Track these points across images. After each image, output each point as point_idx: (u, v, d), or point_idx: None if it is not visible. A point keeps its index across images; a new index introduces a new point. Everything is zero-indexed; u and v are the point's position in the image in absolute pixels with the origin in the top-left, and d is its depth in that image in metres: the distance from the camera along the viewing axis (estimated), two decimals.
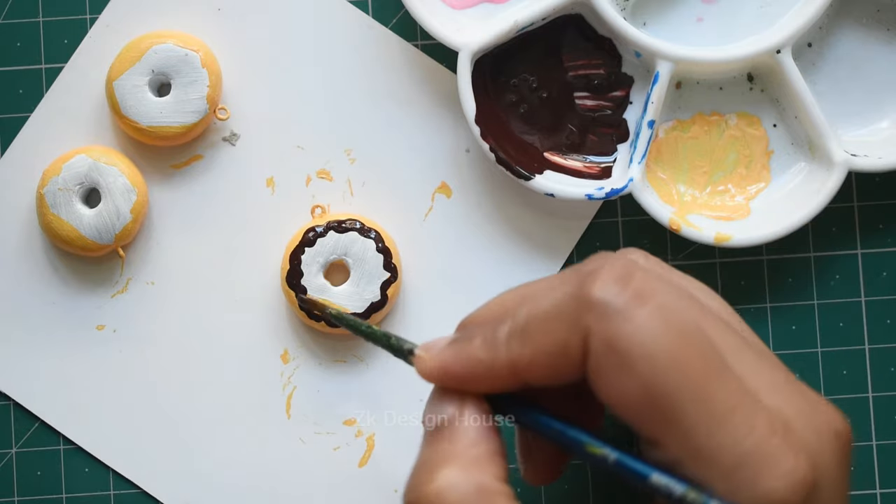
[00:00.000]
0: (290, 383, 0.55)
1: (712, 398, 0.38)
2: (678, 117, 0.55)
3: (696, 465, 0.38)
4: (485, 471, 0.40)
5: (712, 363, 0.39)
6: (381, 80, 0.55)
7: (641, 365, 0.38)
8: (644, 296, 0.39)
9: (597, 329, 0.39)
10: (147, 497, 0.55)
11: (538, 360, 0.40)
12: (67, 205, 0.53)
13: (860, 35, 0.55)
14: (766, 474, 0.38)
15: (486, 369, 0.41)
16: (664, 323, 0.39)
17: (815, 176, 0.54)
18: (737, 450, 0.38)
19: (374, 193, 0.55)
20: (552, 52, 0.54)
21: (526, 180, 0.53)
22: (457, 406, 0.42)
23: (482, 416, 0.42)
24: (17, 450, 0.55)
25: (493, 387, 0.42)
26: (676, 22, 0.55)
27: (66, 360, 0.55)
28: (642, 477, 0.39)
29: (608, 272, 0.40)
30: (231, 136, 0.56)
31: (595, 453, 0.40)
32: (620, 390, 0.39)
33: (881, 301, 0.55)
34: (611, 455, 0.40)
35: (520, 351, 0.41)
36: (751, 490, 0.38)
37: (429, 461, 0.41)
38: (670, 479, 0.39)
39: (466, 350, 0.42)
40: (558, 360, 0.40)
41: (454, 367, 0.42)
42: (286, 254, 0.54)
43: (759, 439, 0.38)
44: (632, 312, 0.39)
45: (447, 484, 0.40)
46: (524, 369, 0.41)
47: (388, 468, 0.55)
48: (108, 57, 0.55)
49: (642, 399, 0.39)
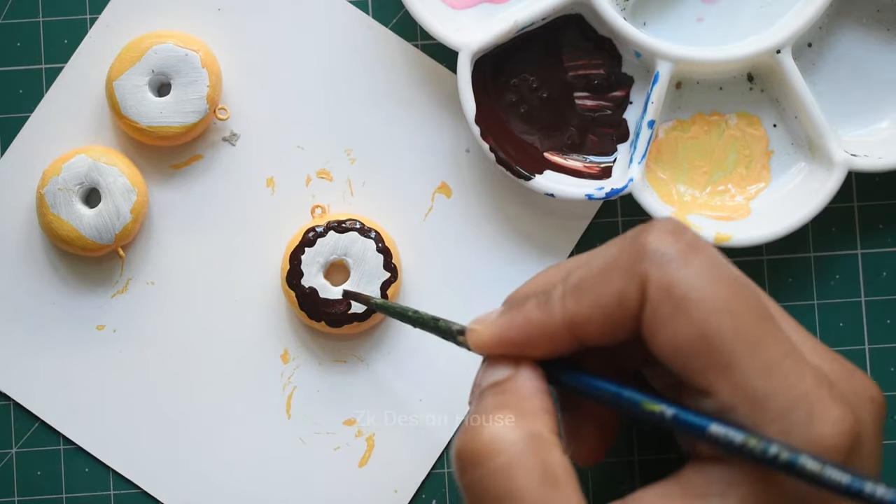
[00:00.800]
0: (290, 383, 0.55)
1: (765, 345, 0.39)
2: (678, 117, 0.55)
3: (749, 409, 0.39)
4: (538, 421, 0.41)
5: (763, 314, 0.40)
6: (381, 80, 0.55)
7: (698, 309, 0.40)
8: (697, 247, 0.41)
9: (654, 276, 0.40)
10: (147, 497, 0.55)
11: (594, 315, 0.41)
12: (67, 205, 0.53)
13: (860, 35, 0.55)
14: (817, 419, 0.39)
15: (543, 331, 0.42)
16: (718, 272, 0.40)
17: (815, 176, 0.54)
18: (790, 394, 0.39)
19: (374, 193, 0.55)
20: (552, 52, 0.54)
21: (526, 180, 0.53)
22: (512, 367, 0.43)
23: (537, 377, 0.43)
24: (17, 450, 0.55)
25: (549, 349, 0.42)
26: (676, 22, 0.55)
27: (66, 360, 0.55)
28: (700, 429, 0.40)
29: (661, 225, 0.41)
30: (231, 136, 0.56)
31: (653, 410, 0.41)
32: (676, 336, 0.40)
33: (881, 301, 0.55)
34: (668, 411, 0.41)
35: (576, 307, 0.41)
36: (803, 434, 0.39)
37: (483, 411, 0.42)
38: (729, 428, 0.39)
39: (521, 315, 0.43)
40: (614, 311, 0.41)
41: (510, 332, 0.43)
42: (286, 254, 0.54)
43: (810, 388, 0.39)
44: (688, 260, 0.40)
45: (502, 427, 0.40)
46: (581, 326, 0.42)
47: (388, 468, 0.55)
48: (108, 57, 0.55)
49: (698, 343, 0.40)
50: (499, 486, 0.40)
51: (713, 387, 0.40)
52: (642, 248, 0.41)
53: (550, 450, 0.40)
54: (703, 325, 0.39)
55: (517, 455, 0.40)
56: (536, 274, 0.45)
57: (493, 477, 0.40)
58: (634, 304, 0.41)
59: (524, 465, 0.40)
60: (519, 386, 0.42)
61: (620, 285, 0.41)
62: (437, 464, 0.55)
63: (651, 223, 0.42)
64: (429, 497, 0.55)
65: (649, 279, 0.40)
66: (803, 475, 0.38)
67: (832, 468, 0.38)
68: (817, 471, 0.38)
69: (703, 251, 0.41)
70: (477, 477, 0.40)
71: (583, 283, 0.42)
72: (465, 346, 0.44)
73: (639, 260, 0.41)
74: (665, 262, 0.40)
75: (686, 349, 0.40)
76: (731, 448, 0.39)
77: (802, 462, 0.38)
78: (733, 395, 0.39)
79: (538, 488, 0.40)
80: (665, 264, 0.40)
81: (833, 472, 0.38)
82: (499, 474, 0.40)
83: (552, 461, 0.40)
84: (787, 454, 0.38)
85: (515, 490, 0.40)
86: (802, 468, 0.38)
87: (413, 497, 0.55)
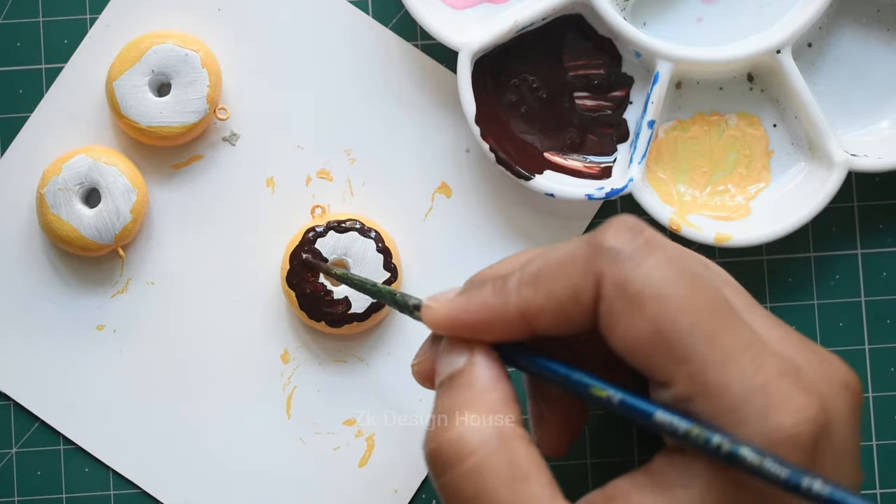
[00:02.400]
0: (290, 383, 0.55)
1: (722, 338, 0.39)
2: (678, 117, 0.55)
3: (705, 401, 0.39)
4: (501, 415, 0.42)
5: (722, 308, 0.40)
6: (381, 80, 0.55)
7: (652, 306, 0.40)
8: (654, 244, 0.41)
9: (609, 273, 0.40)
10: (147, 497, 0.55)
11: (549, 306, 0.42)
12: (67, 205, 0.53)
13: (860, 35, 0.55)
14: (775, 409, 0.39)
15: (497, 316, 0.43)
16: (675, 268, 0.40)
17: (815, 176, 0.54)
18: (745, 385, 0.39)
19: (374, 193, 0.55)
20: (552, 52, 0.54)
21: (526, 180, 0.53)
22: (467, 355, 0.43)
23: (493, 364, 0.43)
24: (17, 450, 0.55)
25: (502, 334, 0.43)
26: (676, 22, 0.55)
27: (66, 360, 0.55)
28: (646, 415, 0.40)
29: (619, 223, 0.41)
30: (231, 136, 0.56)
31: (599, 395, 0.41)
32: (631, 332, 0.40)
33: (881, 301, 0.55)
34: (615, 396, 0.41)
35: (531, 297, 0.42)
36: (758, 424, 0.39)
37: (446, 409, 0.42)
38: (674, 416, 0.40)
39: (476, 298, 0.43)
40: (569, 305, 0.41)
41: (464, 314, 0.43)
42: (286, 254, 0.54)
43: (769, 378, 0.39)
44: (643, 257, 0.40)
45: (467, 429, 0.41)
46: (534, 315, 0.42)
47: (388, 468, 0.55)
48: (108, 57, 0.55)
49: (652, 339, 0.40)
50: (469, 489, 0.40)
51: (670, 379, 0.40)
52: (599, 244, 0.41)
53: (517, 444, 0.41)
54: (658, 320, 0.40)
55: (485, 456, 0.41)
56: (501, 259, 0.46)
57: (463, 480, 0.41)
58: (589, 299, 0.41)
59: (492, 465, 0.40)
60: (477, 377, 0.43)
61: (576, 280, 0.41)
62: None
63: (610, 221, 0.42)
64: (429, 497, 0.55)
65: (604, 276, 0.41)
66: (745, 467, 0.38)
67: (771, 461, 0.38)
68: (756, 463, 0.38)
69: (659, 248, 0.41)
70: (448, 480, 0.41)
71: (540, 274, 0.42)
72: (421, 320, 0.45)
73: (595, 256, 0.41)
74: (620, 259, 0.40)
75: (642, 344, 0.40)
76: (676, 437, 0.40)
77: (743, 453, 0.38)
78: (690, 387, 0.40)
79: (508, 486, 0.40)
80: (620, 261, 0.40)
81: (772, 465, 0.38)
82: (468, 477, 0.41)
83: (519, 455, 0.41)
84: (729, 445, 0.38)
85: (487, 491, 0.40)
86: (743, 460, 0.38)
87: (413, 497, 0.55)
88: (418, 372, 0.46)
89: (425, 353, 0.46)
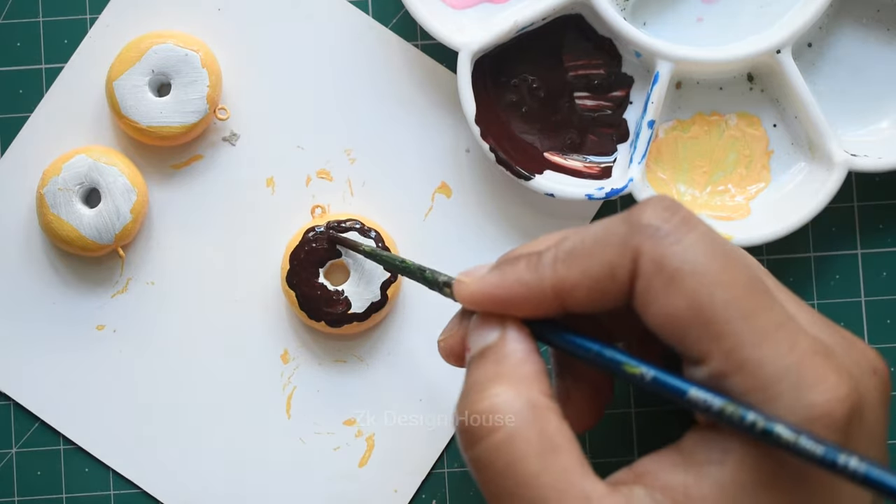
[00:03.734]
0: (290, 383, 0.55)
1: (757, 315, 0.40)
2: (678, 117, 0.55)
3: (739, 378, 0.40)
4: (533, 387, 0.42)
5: (757, 286, 0.41)
6: (381, 80, 0.55)
7: (690, 282, 0.40)
8: (691, 223, 0.41)
9: (647, 249, 0.41)
10: (147, 497, 0.55)
11: (584, 283, 0.42)
12: (67, 205, 0.53)
13: (860, 35, 0.55)
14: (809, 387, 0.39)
15: (530, 292, 0.43)
16: (711, 246, 0.41)
17: (815, 176, 0.54)
18: (780, 362, 0.39)
19: (374, 193, 0.55)
20: (552, 52, 0.54)
21: (526, 180, 0.53)
22: (500, 330, 0.43)
23: (525, 338, 0.43)
24: (17, 450, 0.55)
25: (535, 310, 0.43)
26: (676, 22, 0.55)
27: (66, 360, 0.55)
28: (681, 393, 0.40)
29: (656, 202, 0.42)
30: (231, 136, 0.56)
31: (632, 372, 0.42)
32: (668, 308, 0.40)
33: (881, 301, 0.55)
34: (648, 373, 0.41)
35: (566, 273, 0.42)
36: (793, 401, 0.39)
37: (478, 382, 0.42)
38: (708, 393, 0.40)
39: (510, 273, 0.43)
40: (604, 282, 0.42)
41: (497, 290, 0.43)
42: (286, 254, 0.54)
43: (803, 356, 0.39)
44: (681, 235, 0.41)
45: (500, 401, 0.41)
46: (568, 292, 0.42)
47: (388, 468, 0.55)
48: (108, 57, 0.55)
49: (689, 315, 0.40)
50: (500, 460, 0.41)
51: (706, 356, 0.40)
52: (637, 222, 0.41)
53: (548, 416, 0.41)
54: (695, 296, 0.40)
55: (516, 428, 0.41)
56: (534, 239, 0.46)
57: (495, 451, 0.41)
58: (625, 276, 0.41)
59: (523, 437, 0.41)
60: (510, 351, 0.43)
61: (613, 257, 0.41)
62: (437, 464, 0.55)
63: (647, 200, 0.42)
64: (429, 497, 0.55)
65: (642, 253, 0.41)
66: (780, 444, 0.38)
67: (807, 438, 0.38)
68: (792, 440, 0.38)
69: (696, 227, 0.41)
70: (479, 452, 0.41)
71: (575, 251, 0.42)
72: (451, 297, 0.45)
73: (633, 234, 0.41)
74: (659, 236, 0.41)
75: (678, 321, 0.40)
76: (710, 414, 0.40)
77: (778, 431, 0.38)
78: (725, 364, 0.40)
79: (538, 458, 0.40)
80: (659, 239, 0.41)
81: (807, 441, 0.38)
82: (500, 448, 0.41)
83: (550, 428, 0.41)
84: (763, 422, 0.38)
85: (517, 461, 0.40)
86: (778, 437, 0.38)
87: (413, 497, 0.55)
88: (445, 348, 0.46)
89: (453, 329, 0.46)
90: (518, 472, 0.40)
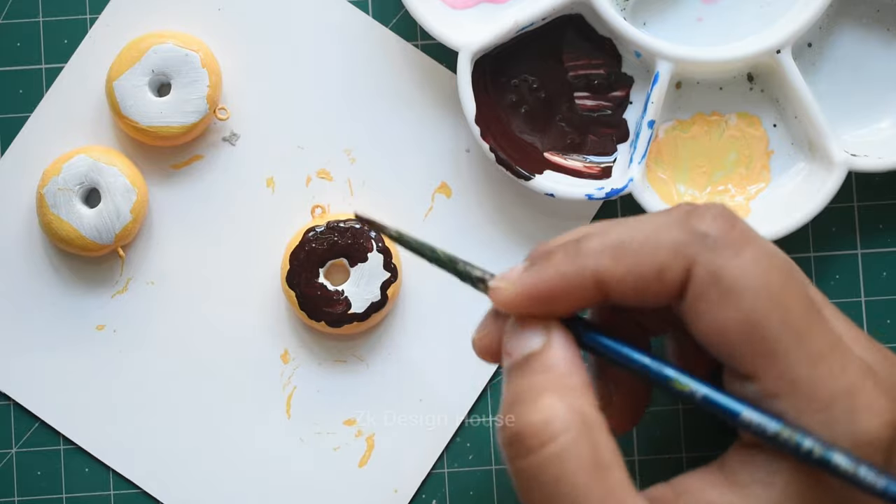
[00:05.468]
0: (290, 383, 0.55)
1: (811, 336, 0.40)
2: (678, 117, 0.55)
3: (793, 398, 0.39)
4: (584, 400, 0.41)
5: (811, 306, 0.40)
6: (381, 80, 0.55)
7: (747, 298, 0.40)
8: (749, 237, 0.41)
9: (703, 260, 0.40)
10: (147, 497, 0.55)
11: (629, 279, 0.41)
12: (67, 205, 0.53)
13: (860, 35, 0.55)
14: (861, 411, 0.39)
15: (570, 284, 0.41)
16: (769, 262, 0.40)
17: (815, 176, 0.54)
18: (834, 385, 0.39)
19: (374, 193, 0.55)
20: (552, 52, 0.54)
21: (526, 180, 0.53)
22: (544, 336, 0.42)
23: (571, 346, 0.42)
24: (17, 450, 0.55)
25: (576, 303, 0.42)
26: (676, 22, 0.55)
27: (66, 360, 0.55)
28: (733, 414, 0.40)
29: (714, 210, 0.41)
30: (231, 136, 0.56)
31: (681, 389, 0.41)
32: (721, 321, 0.40)
33: (881, 301, 0.55)
34: (699, 391, 0.41)
35: (611, 266, 0.41)
36: (846, 425, 0.39)
37: (526, 392, 0.41)
38: (763, 415, 0.39)
39: (548, 268, 0.42)
40: (651, 282, 0.41)
41: (538, 288, 0.42)
42: (286, 254, 0.54)
43: (855, 379, 0.39)
44: (740, 249, 0.40)
45: (552, 413, 0.40)
46: (612, 285, 0.41)
47: (388, 468, 0.55)
48: (108, 57, 0.55)
49: (743, 330, 0.40)
50: (550, 473, 0.40)
51: (757, 373, 0.40)
52: (694, 230, 0.41)
53: (599, 432, 0.40)
54: (751, 313, 0.40)
55: (569, 441, 0.40)
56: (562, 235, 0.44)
57: (545, 464, 0.40)
58: (676, 282, 0.41)
59: (576, 451, 0.40)
60: (556, 360, 0.41)
61: (664, 260, 0.41)
62: (437, 464, 0.55)
63: (704, 206, 0.42)
64: (429, 497, 0.55)
65: (697, 262, 0.40)
66: (837, 473, 0.38)
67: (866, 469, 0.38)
68: (850, 470, 0.38)
69: (754, 241, 0.41)
70: (528, 464, 0.40)
71: (624, 245, 0.41)
72: (486, 293, 0.43)
73: (689, 241, 0.41)
74: (717, 248, 0.40)
75: (731, 335, 0.40)
76: (764, 437, 0.39)
77: (836, 460, 0.38)
78: (777, 383, 0.39)
79: (589, 473, 0.39)
80: (716, 250, 0.40)
81: (867, 472, 0.38)
82: (552, 462, 0.40)
83: (602, 443, 0.40)
84: (821, 449, 0.38)
85: (567, 476, 0.39)
86: (836, 466, 0.38)
87: (413, 497, 0.55)
88: (482, 347, 0.44)
89: (488, 327, 0.44)
90: (567, 488, 0.39)
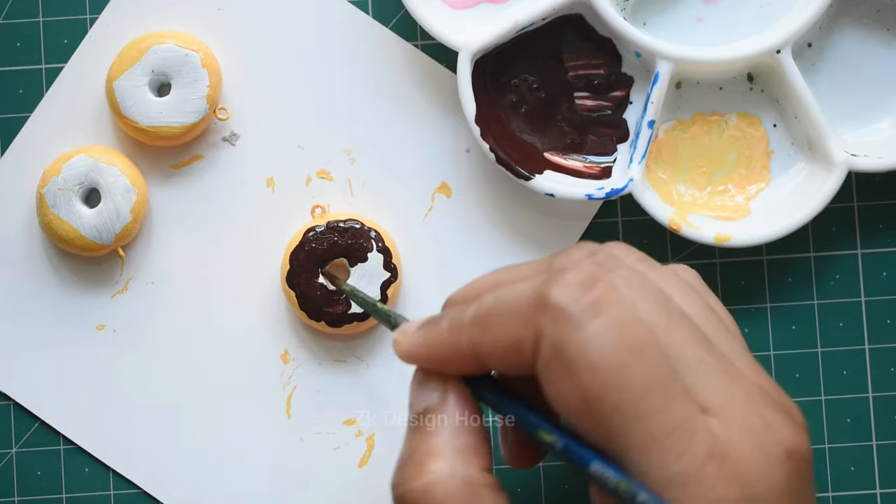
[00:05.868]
0: (290, 383, 0.55)
1: (651, 418, 0.38)
2: (678, 117, 0.55)
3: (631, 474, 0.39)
4: (470, 463, 0.41)
5: (659, 382, 0.38)
6: (381, 80, 0.55)
7: (584, 375, 0.38)
8: (601, 306, 0.39)
9: (548, 332, 0.39)
10: (147, 497, 0.55)
11: (494, 350, 0.41)
12: (67, 205, 0.54)
13: (860, 35, 0.55)
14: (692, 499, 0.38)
15: (451, 353, 0.42)
16: (616, 337, 0.38)
17: (815, 176, 0.54)
18: (665, 472, 0.38)
19: (374, 193, 0.55)
20: (552, 52, 0.54)
21: (526, 180, 0.53)
22: (439, 393, 0.43)
23: (465, 402, 0.43)
24: (17, 450, 0.55)
25: (459, 369, 0.43)
26: (676, 22, 0.55)
27: (66, 360, 0.55)
28: (583, 465, 0.40)
29: (573, 275, 0.40)
30: (231, 136, 0.56)
31: (546, 439, 0.41)
32: (563, 394, 0.39)
33: (881, 301, 0.55)
34: (559, 442, 0.41)
35: (479, 338, 0.41)
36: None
37: (414, 454, 0.42)
38: (606, 468, 0.39)
39: (433, 334, 0.43)
40: (511, 353, 0.41)
41: (423, 350, 0.43)
42: (286, 254, 0.54)
43: (691, 465, 0.38)
44: (585, 322, 0.39)
45: (436, 479, 0.41)
46: (484, 356, 0.41)
47: (388, 468, 0.54)
48: (108, 57, 0.55)
49: (582, 407, 0.39)
50: None
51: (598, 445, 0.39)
52: (544, 299, 0.39)
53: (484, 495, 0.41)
54: (588, 391, 0.38)
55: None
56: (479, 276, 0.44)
57: None
58: (529, 353, 0.40)
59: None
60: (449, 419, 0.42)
61: (518, 331, 0.40)
62: None
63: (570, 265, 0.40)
64: None
65: (543, 335, 0.39)
66: None
67: None
68: None
69: (608, 310, 0.39)
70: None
71: (489, 315, 0.41)
72: None
73: (539, 311, 0.40)
74: (562, 319, 0.39)
75: (571, 409, 0.39)
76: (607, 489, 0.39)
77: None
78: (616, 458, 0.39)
79: None
80: (561, 322, 0.39)
81: None
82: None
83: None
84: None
85: None
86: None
87: None
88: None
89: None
90: None
